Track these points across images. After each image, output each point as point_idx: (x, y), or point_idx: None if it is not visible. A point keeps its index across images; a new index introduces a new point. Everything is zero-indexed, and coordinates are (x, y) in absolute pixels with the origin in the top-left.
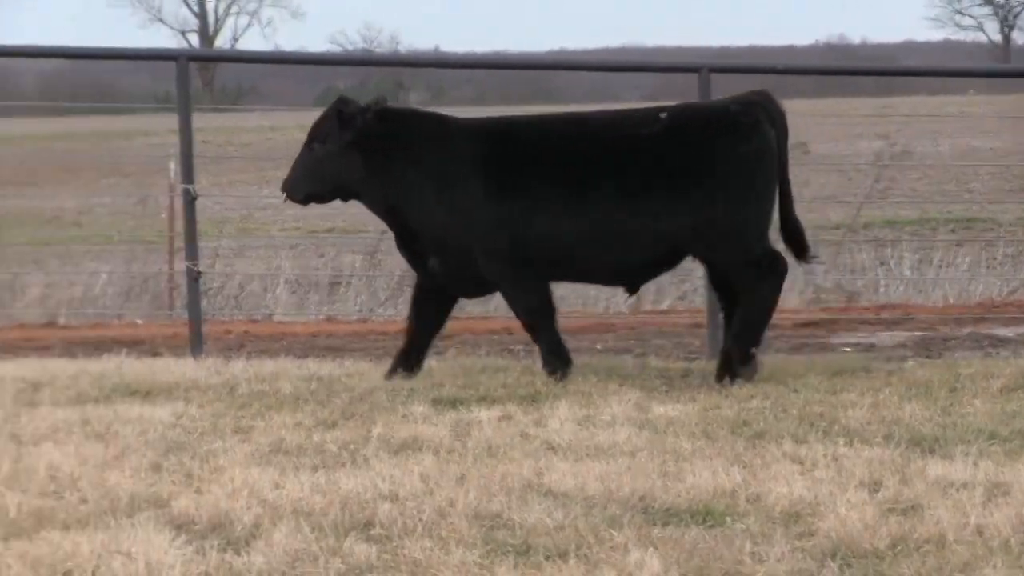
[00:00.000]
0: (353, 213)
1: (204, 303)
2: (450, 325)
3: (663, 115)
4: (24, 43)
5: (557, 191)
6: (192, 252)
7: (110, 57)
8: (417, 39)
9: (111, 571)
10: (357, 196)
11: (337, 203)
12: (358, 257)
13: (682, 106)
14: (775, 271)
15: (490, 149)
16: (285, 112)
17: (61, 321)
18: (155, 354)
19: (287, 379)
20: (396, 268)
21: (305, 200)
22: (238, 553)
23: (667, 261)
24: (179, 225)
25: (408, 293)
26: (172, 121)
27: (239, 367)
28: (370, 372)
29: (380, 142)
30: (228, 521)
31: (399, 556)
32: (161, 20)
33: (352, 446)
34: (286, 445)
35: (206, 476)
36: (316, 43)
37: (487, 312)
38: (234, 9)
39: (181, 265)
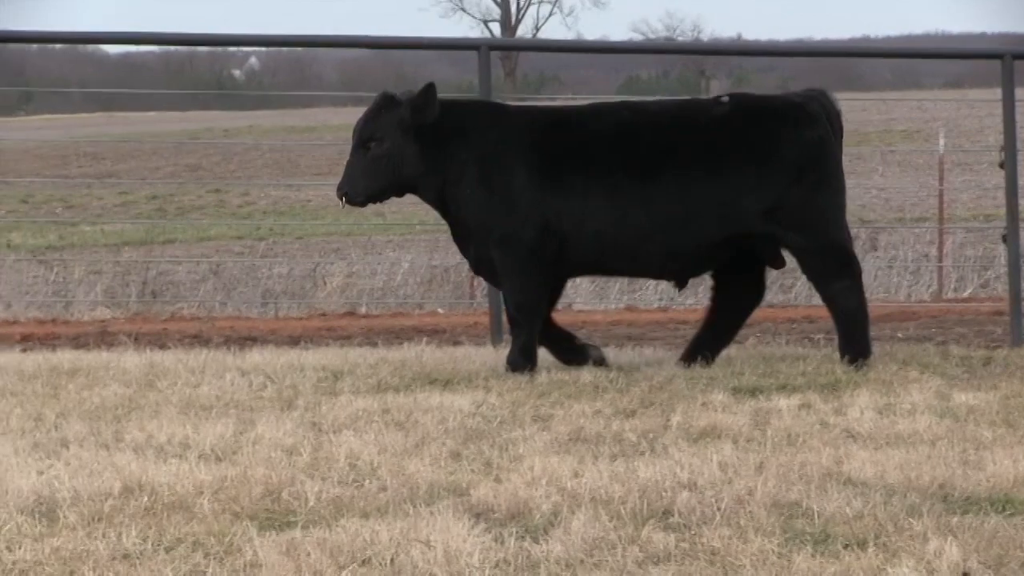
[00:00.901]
0: None
1: None
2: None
3: (724, 98)
4: (329, 32)
5: (609, 180)
6: None
7: (412, 47)
8: (719, 27)
9: (410, 559)
10: (414, 190)
11: None
12: None
13: (744, 94)
14: (850, 269)
15: (541, 138)
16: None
17: (362, 310)
18: (455, 343)
19: (586, 368)
20: None
21: (366, 202)
22: (536, 541)
23: (722, 253)
24: None
25: (710, 282)
26: None
27: (539, 355)
28: (669, 360)
29: (436, 133)
30: (527, 509)
31: (697, 545)
32: (464, 10)
33: (651, 434)
34: (585, 433)
35: (505, 464)
36: (618, 31)
37: (787, 301)
38: None
39: None
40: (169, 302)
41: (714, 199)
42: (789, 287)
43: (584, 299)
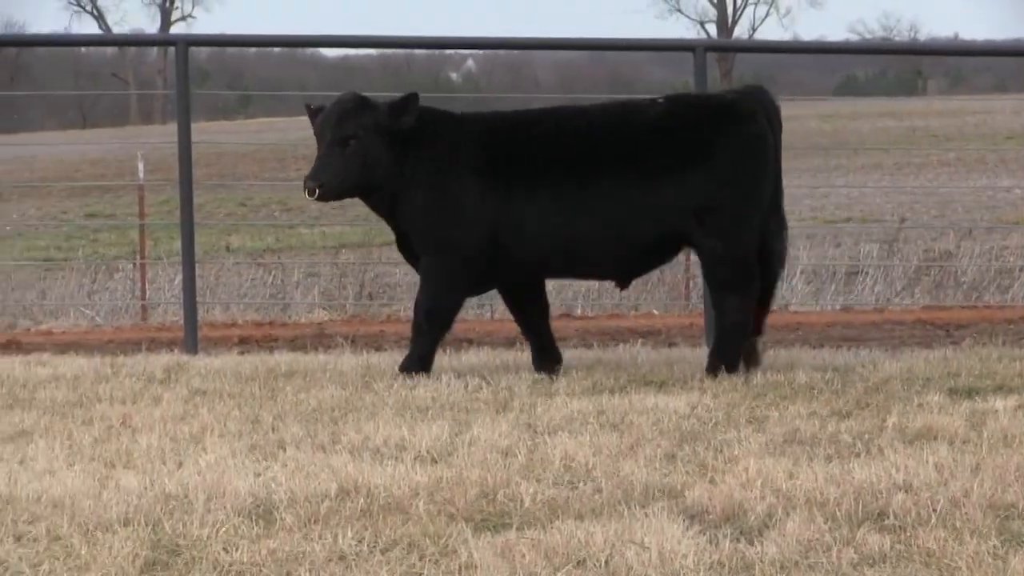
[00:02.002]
0: (872, 202)
1: None
2: (966, 314)
3: (660, 100)
4: (544, 35)
5: (549, 184)
6: None
7: (627, 48)
8: (936, 27)
9: (624, 561)
10: (371, 194)
11: None
12: (875, 246)
13: (680, 94)
14: (745, 284)
15: (485, 144)
16: (804, 101)
17: (578, 312)
18: (671, 344)
19: (802, 369)
20: (913, 256)
21: (337, 197)
22: (751, 543)
23: (664, 251)
24: None
25: (926, 282)
26: None
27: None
28: (886, 362)
29: (396, 139)
30: (741, 511)
31: (912, 547)
32: (680, 11)
33: (866, 436)
34: (800, 435)
35: (720, 466)
36: (835, 32)
37: (1004, 301)
38: None
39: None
40: (386, 304)
41: (649, 200)
42: (1007, 287)
43: (800, 300)
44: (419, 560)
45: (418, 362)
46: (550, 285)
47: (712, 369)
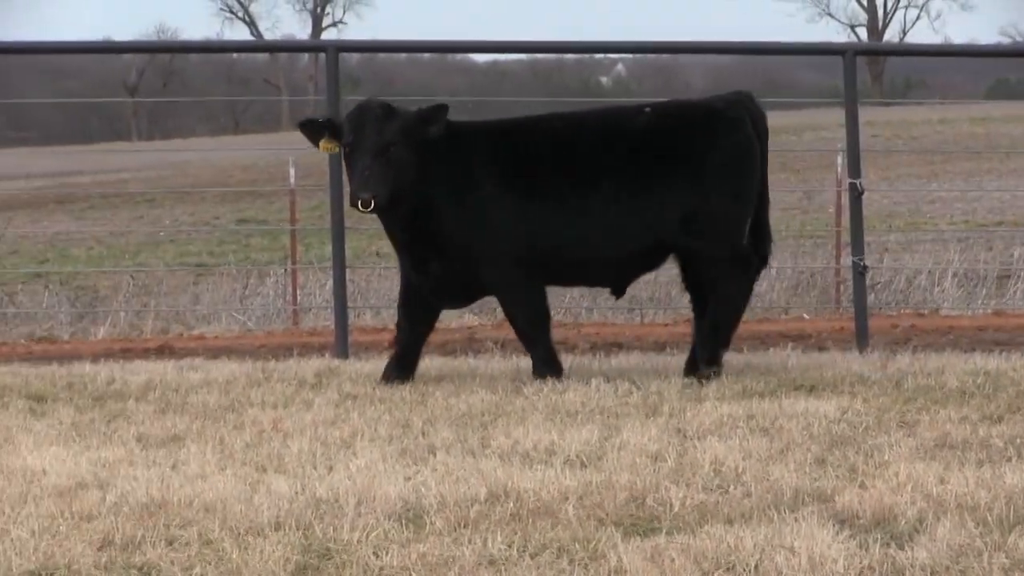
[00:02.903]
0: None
1: (870, 297)
2: None
3: (647, 109)
4: (695, 39)
5: (541, 192)
6: (858, 246)
7: (777, 52)
8: None
9: (774, 565)
10: (404, 202)
11: None
12: None
13: (669, 101)
14: (747, 272)
15: (494, 152)
16: (955, 105)
17: None
18: (821, 348)
19: (953, 373)
20: None
21: (388, 204)
22: (901, 548)
23: (654, 257)
24: (846, 219)
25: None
26: (841, 115)
27: (905, 361)
28: None
29: (425, 147)
30: (891, 516)
31: None
32: (830, 15)
33: (1018, 440)
34: (951, 439)
35: (870, 471)
36: (986, 35)
37: None
38: (903, 2)
39: (848, 260)
40: None
41: (637, 207)
42: None
43: (951, 304)
44: (568, 564)
45: (546, 367)
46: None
47: (708, 361)
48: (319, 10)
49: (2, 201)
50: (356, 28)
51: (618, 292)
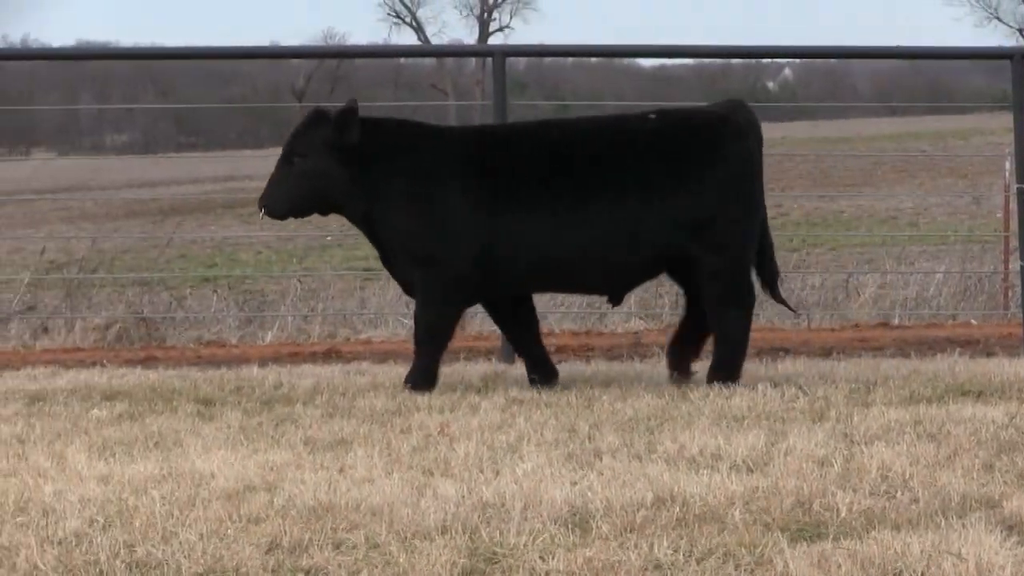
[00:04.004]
0: None
1: None
2: None
3: (652, 116)
4: (862, 44)
5: (542, 199)
6: None
7: (943, 57)
8: None
9: (941, 572)
10: (339, 210)
11: None
12: None
13: (672, 109)
14: (745, 297)
15: (473, 158)
16: None
17: (895, 321)
18: (989, 354)
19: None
20: None
21: (285, 216)
22: None
23: (655, 266)
24: (1014, 224)
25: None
26: (1009, 120)
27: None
28: None
29: (363, 154)
30: None
31: None
32: (998, 18)
33: None
34: None
35: None
36: None
37: None
38: None
39: (1016, 264)
40: None
41: (642, 216)
42: None
43: None
44: (734, 570)
45: (421, 377)
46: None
47: (715, 380)
48: (486, 15)
49: (171, 206)
50: (522, 33)
51: (615, 300)
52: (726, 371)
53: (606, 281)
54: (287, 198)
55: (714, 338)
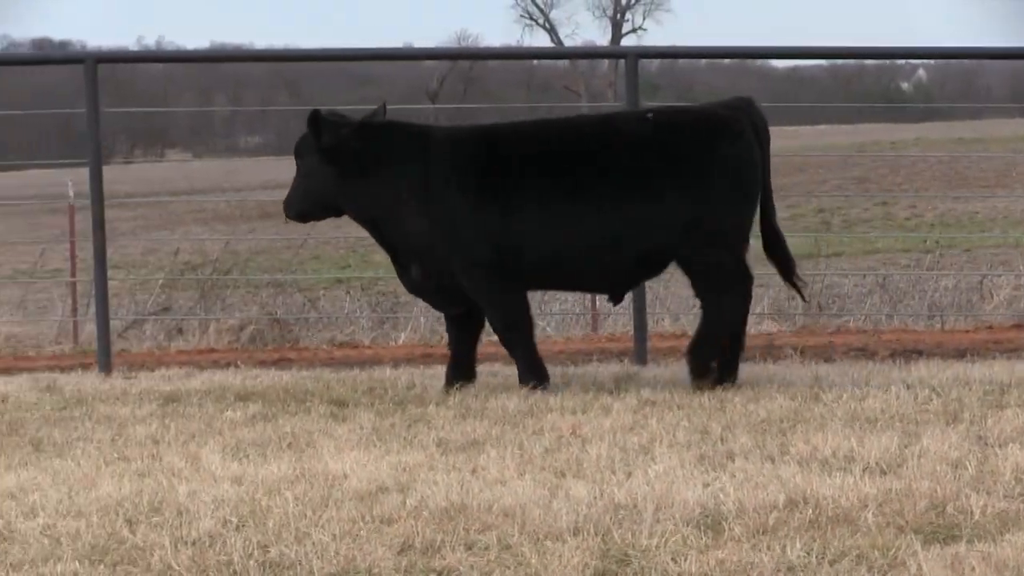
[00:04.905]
0: None
1: None
2: None
3: (649, 115)
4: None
5: (539, 197)
6: None
7: None
8: None
9: None
10: (340, 212)
11: None
12: None
13: (669, 107)
14: (742, 287)
15: (471, 158)
16: None
17: None
18: None
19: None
20: None
21: (298, 218)
22: None
23: (653, 265)
24: None
25: None
26: None
27: None
28: None
29: (356, 156)
30: None
31: None
32: None
33: None
34: None
35: None
36: None
37: None
38: None
39: None
40: (835, 315)
41: (636, 214)
42: None
43: None
44: (867, 572)
45: (530, 373)
46: None
47: (696, 372)
48: (619, 16)
49: None
50: (655, 34)
51: (615, 299)
52: (705, 354)
53: (603, 280)
54: (296, 200)
55: (702, 320)
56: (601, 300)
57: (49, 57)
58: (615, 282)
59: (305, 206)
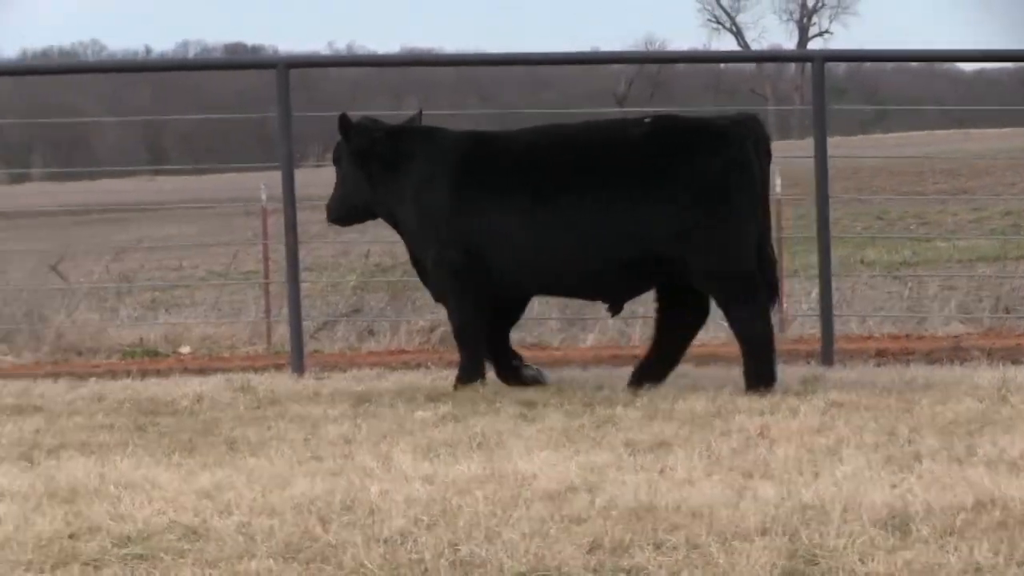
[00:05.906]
0: None
1: None
2: None
3: (647, 121)
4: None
5: (529, 202)
6: None
7: None
8: None
9: None
10: (374, 215)
11: None
12: None
13: (666, 116)
14: (754, 297)
15: (458, 161)
16: None
17: None
18: None
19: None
20: None
21: (338, 222)
22: None
23: (648, 273)
24: None
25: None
26: None
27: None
28: None
29: (382, 159)
30: None
31: None
32: None
33: None
34: None
35: None
36: None
37: None
38: None
39: None
40: (1023, 317)
41: (626, 220)
42: None
43: None
44: None
45: (466, 373)
46: None
47: (753, 388)
48: (805, 20)
49: None
50: (842, 38)
51: (614, 309)
52: (758, 377)
53: (596, 287)
54: (335, 205)
55: (738, 343)
56: (786, 303)
57: (241, 62)
58: (605, 290)
59: (343, 210)
